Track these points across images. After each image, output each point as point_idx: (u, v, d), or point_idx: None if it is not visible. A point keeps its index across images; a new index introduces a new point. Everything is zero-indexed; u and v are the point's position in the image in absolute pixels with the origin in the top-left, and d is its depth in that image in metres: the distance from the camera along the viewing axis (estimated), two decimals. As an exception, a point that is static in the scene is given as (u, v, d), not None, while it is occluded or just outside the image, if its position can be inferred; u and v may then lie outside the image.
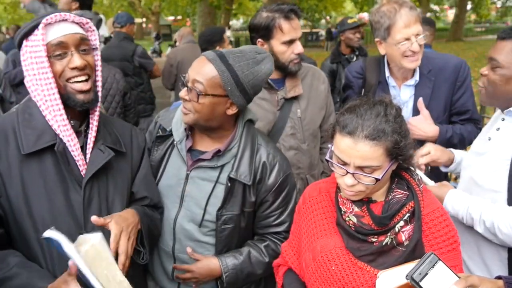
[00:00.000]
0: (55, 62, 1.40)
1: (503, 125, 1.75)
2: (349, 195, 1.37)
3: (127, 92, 3.63)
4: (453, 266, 1.34)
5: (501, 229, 1.59)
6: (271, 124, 2.28)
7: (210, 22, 15.76)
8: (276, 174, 1.73)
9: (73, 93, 1.43)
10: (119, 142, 1.60)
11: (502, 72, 1.67)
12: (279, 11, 2.13)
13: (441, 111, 2.30)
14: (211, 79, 1.57)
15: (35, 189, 1.40)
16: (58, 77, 1.41)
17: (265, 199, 1.74)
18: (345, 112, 1.33)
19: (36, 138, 1.40)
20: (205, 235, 1.74)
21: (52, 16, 1.39)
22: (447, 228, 1.36)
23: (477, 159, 1.82)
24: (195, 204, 1.72)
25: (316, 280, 1.42)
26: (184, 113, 1.65)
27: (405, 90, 2.36)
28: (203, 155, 1.71)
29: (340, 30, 4.69)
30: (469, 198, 1.73)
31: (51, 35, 1.40)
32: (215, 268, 1.71)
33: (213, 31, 4.16)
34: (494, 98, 1.75)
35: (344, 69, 4.59)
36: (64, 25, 1.42)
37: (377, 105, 1.30)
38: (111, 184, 1.54)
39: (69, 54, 1.42)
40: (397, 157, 1.29)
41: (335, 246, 1.41)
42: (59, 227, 1.26)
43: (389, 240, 1.33)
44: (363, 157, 1.26)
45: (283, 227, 1.78)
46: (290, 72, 2.24)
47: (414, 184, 1.39)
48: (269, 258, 1.77)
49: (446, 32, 30.48)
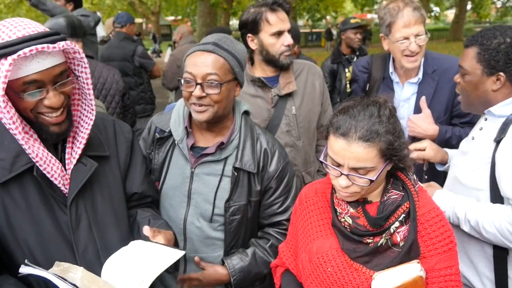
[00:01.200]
0: (25, 98, 1.22)
1: (485, 124, 1.78)
2: (344, 196, 1.37)
3: (126, 92, 3.64)
4: (449, 266, 1.36)
5: (486, 227, 1.62)
6: (266, 121, 2.30)
7: (210, 22, 15.73)
8: (277, 160, 1.78)
9: (46, 125, 1.29)
10: (102, 146, 1.48)
11: (469, 78, 1.72)
12: (265, 5, 2.20)
13: (442, 112, 2.32)
14: (221, 67, 1.63)
15: (18, 215, 1.31)
16: (29, 110, 1.26)
17: (268, 186, 1.78)
18: (339, 113, 1.33)
19: (11, 162, 1.28)
20: (216, 230, 1.76)
21: (26, 50, 1.15)
22: (443, 229, 1.36)
23: (461, 158, 1.85)
24: (204, 200, 1.74)
25: (312, 281, 1.42)
26: (199, 112, 1.65)
27: (408, 87, 2.40)
28: (207, 149, 1.73)
29: (341, 29, 4.69)
30: (455, 197, 1.76)
31: (23, 70, 1.19)
32: (223, 275, 1.74)
33: (220, 31, 4.18)
34: (470, 104, 1.80)
35: (345, 69, 4.62)
36: (41, 58, 1.21)
37: (371, 105, 1.30)
38: (98, 195, 1.44)
39: (44, 91, 1.25)
40: (392, 158, 1.29)
41: (331, 247, 1.41)
42: (49, 249, 1.24)
43: (384, 241, 1.33)
44: (357, 159, 1.26)
45: (286, 214, 1.81)
46: (282, 65, 2.26)
47: (409, 184, 1.39)
48: (274, 257, 1.79)
49: (446, 32, 30.47)
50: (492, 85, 1.69)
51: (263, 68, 2.32)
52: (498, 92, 1.69)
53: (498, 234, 1.58)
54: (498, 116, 1.71)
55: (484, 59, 1.67)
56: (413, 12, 2.19)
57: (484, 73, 1.68)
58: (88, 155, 1.41)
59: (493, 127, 1.72)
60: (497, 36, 1.66)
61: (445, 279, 1.34)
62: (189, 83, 1.63)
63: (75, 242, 1.37)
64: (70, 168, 1.37)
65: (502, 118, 1.69)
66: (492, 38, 1.66)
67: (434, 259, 1.34)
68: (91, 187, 1.42)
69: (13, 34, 1.20)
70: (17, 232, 1.32)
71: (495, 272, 1.72)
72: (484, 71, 1.68)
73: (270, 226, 1.85)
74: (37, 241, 1.33)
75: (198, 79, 1.61)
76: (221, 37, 1.70)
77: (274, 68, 2.30)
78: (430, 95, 2.31)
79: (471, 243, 1.77)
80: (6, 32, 1.21)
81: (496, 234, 1.59)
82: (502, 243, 1.61)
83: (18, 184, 1.31)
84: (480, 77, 1.70)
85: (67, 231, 1.36)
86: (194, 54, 1.65)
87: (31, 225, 1.32)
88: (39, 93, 1.24)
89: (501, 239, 1.59)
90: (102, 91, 3.44)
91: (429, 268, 1.34)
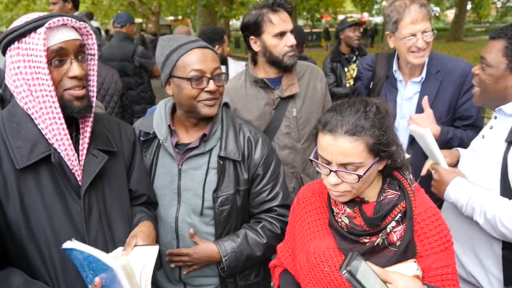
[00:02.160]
0: (52, 70, 1.32)
1: (495, 123, 1.77)
2: (335, 196, 1.37)
3: (124, 92, 3.65)
4: (446, 266, 1.36)
5: (503, 222, 1.58)
6: (266, 123, 2.30)
7: (210, 22, 15.76)
8: (261, 147, 1.82)
9: (70, 100, 1.36)
10: (110, 142, 1.55)
11: (491, 71, 1.68)
12: (266, 6, 2.20)
13: (444, 112, 2.32)
14: (217, 60, 1.72)
15: (33, 203, 1.34)
16: (56, 85, 1.33)
17: (255, 173, 1.81)
18: (327, 111, 1.34)
19: (29, 150, 1.32)
20: (207, 225, 1.77)
21: (55, 20, 1.29)
22: (439, 228, 1.36)
23: (471, 157, 1.84)
24: (193, 194, 1.76)
25: (310, 281, 1.43)
26: (211, 105, 1.69)
27: (411, 86, 2.40)
28: (191, 144, 1.76)
29: (339, 28, 4.70)
30: (473, 188, 1.73)
31: (51, 40, 1.30)
32: (213, 253, 1.73)
33: (214, 30, 4.19)
34: (486, 98, 1.76)
35: (344, 68, 4.63)
36: (64, 30, 1.33)
37: (357, 103, 1.32)
38: (107, 189, 1.49)
39: (68, 61, 1.34)
40: (380, 154, 1.30)
41: (328, 247, 1.41)
42: (61, 240, 1.25)
43: (381, 240, 1.33)
44: (343, 154, 1.26)
45: (276, 201, 1.84)
46: (286, 66, 2.26)
47: (406, 184, 1.39)
48: (266, 238, 1.80)
49: (446, 32, 30.46)
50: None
51: (266, 70, 2.32)
52: None
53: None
54: (509, 115, 1.69)
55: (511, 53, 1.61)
56: (420, 9, 2.19)
57: (509, 68, 1.64)
58: (99, 149, 1.47)
59: (504, 127, 1.70)
60: None
61: (441, 278, 1.34)
62: (200, 80, 1.65)
63: (87, 232, 1.40)
64: (83, 159, 1.42)
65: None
66: None
67: (430, 258, 1.35)
68: (101, 180, 1.47)
69: (36, 16, 1.33)
70: (32, 221, 1.34)
71: (504, 271, 1.70)
72: (509, 66, 1.63)
73: (261, 213, 1.87)
74: (51, 230, 1.35)
75: (208, 74, 1.65)
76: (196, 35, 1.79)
77: (277, 70, 2.30)
78: (432, 95, 2.31)
79: (481, 241, 1.75)
80: (30, 16, 1.34)
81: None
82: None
83: (33, 173, 1.34)
84: (504, 71, 1.65)
85: (79, 222, 1.39)
86: (193, 52, 1.66)
87: (45, 214, 1.35)
88: (64, 63, 1.33)
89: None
90: (101, 91, 3.45)
91: (425, 267, 1.34)
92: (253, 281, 1.91)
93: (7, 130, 1.35)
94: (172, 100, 1.84)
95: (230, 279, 1.84)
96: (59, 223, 1.36)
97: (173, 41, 1.71)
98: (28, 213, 1.33)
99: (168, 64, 1.68)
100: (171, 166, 1.78)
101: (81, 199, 1.40)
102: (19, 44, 1.30)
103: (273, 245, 1.80)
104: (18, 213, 1.32)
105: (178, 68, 1.66)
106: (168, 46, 1.70)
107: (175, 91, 1.71)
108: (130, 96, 3.85)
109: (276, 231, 1.83)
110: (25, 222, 1.33)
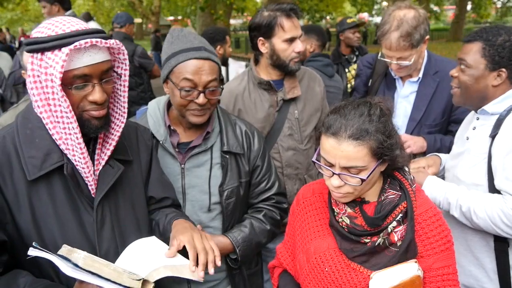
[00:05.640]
0: (72, 93, 1.25)
1: (478, 123, 1.84)
2: (337, 197, 1.37)
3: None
4: (447, 266, 1.36)
5: (477, 213, 1.67)
6: (270, 125, 2.31)
7: (210, 22, 15.73)
8: (258, 139, 1.90)
9: (89, 119, 1.30)
10: (126, 150, 1.49)
11: (471, 72, 1.77)
12: (280, 10, 2.19)
13: (439, 114, 2.34)
14: (217, 71, 1.69)
15: (45, 214, 1.30)
16: (75, 107, 1.27)
17: (255, 164, 1.88)
18: (330, 113, 1.33)
19: (42, 160, 1.28)
20: (213, 220, 1.81)
21: (82, 42, 1.19)
22: (440, 228, 1.36)
23: (458, 159, 1.90)
24: (199, 191, 1.78)
25: (310, 281, 1.43)
26: (199, 115, 1.68)
27: (408, 85, 2.44)
28: (193, 142, 1.77)
29: (339, 30, 4.69)
30: (447, 184, 1.82)
31: (76, 63, 1.22)
32: (225, 245, 1.76)
33: (216, 30, 4.18)
34: (467, 97, 1.83)
35: (345, 69, 4.62)
36: (92, 52, 1.24)
37: (361, 105, 1.31)
38: (120, 198, 1.45)
39: (90, 85, 1.27)
40: (383, 157, 1.29)
41: (328, 247, 1.41)
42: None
43: (382, 240, 1.33)
44: (347, 157, 1.26)
45: (273, 189, 1.91)
46: (290, 71, 2.27)
47: (406, 184, 1.40)
48: (269, 225, 1.87)
49: (446, 32, 30.46)
50: (493, 81, 1.74)
51: (269, 71, 2.32)
52: (498, 88, 1.75)
53: (489, 220, 1.64)
54: (491, 113, 1.77)
55: (489, 54, 1.72)
56: (398, 40, 2.19)
57: (487, 68, 1.73)
58: (115, 159, 1.42)
59: (487, 125, 1.78)
60: (502, 34, 1.72)
61: (442, 278, 1.35)
62: (190, 92, 1.63)
63: (99, 243, 1.36)
64: (99, 170, 1.37)
65: (495, 115, 1.75)
66: (497, 35, 1.72)
67: (431, 258, 1.35)
68: (115, 190, 1.42)
69: (67, 28, 1.24)
70: (43, 232, 1.30)
71: (497, 263, 1.76)
72: (488, 66, 1.73)
73: (259, 203, 1.91)
74: (63, 241, 1.29)
75: (200, 87, 1.63)
76: (203, 40, 1.72)
77: (280, 72, 2.31)
78: (429, 95, 2.33)
79: (475, 240, 1.81)
80: (60, 26, 1.24)
81: (487, 220, 1.64)
82: (491, 229, 1.66)
83: (46, 183, 1.30)
84: (483, 71, 1.74)
85: (91, 233, 1.36)
86: (191, 62, 1.63)
87: (57, 225, 1.31)
88: (86, 87, 1.26)
89: (491, 225, 1.64)
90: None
91: (426, 268, 1.35)
92: (254, 270, 1.97)
93: (21, 137, 1.30)
94: (163, 100, 1.86)
95: (237, 270, 1.86)
96: (71, 234, 1.33)
97: (179, 42, 1.68)
98: (40, 223, 1.30)
99: (167, 66, 1.68)
100: (173, 165, 1.78)
101: (94, 210, 1.36)
102: (42, 56, 1.23)
103: (275, 232, 1.90)
104: (29, 222, 1.29)
105: (174, 74, 1.65)
106: (172, 46, 1.69)
107: (170, 93, 1.73)
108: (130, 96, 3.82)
109: (276, 217, 1.90)
110: (37, 232, 1.30)
